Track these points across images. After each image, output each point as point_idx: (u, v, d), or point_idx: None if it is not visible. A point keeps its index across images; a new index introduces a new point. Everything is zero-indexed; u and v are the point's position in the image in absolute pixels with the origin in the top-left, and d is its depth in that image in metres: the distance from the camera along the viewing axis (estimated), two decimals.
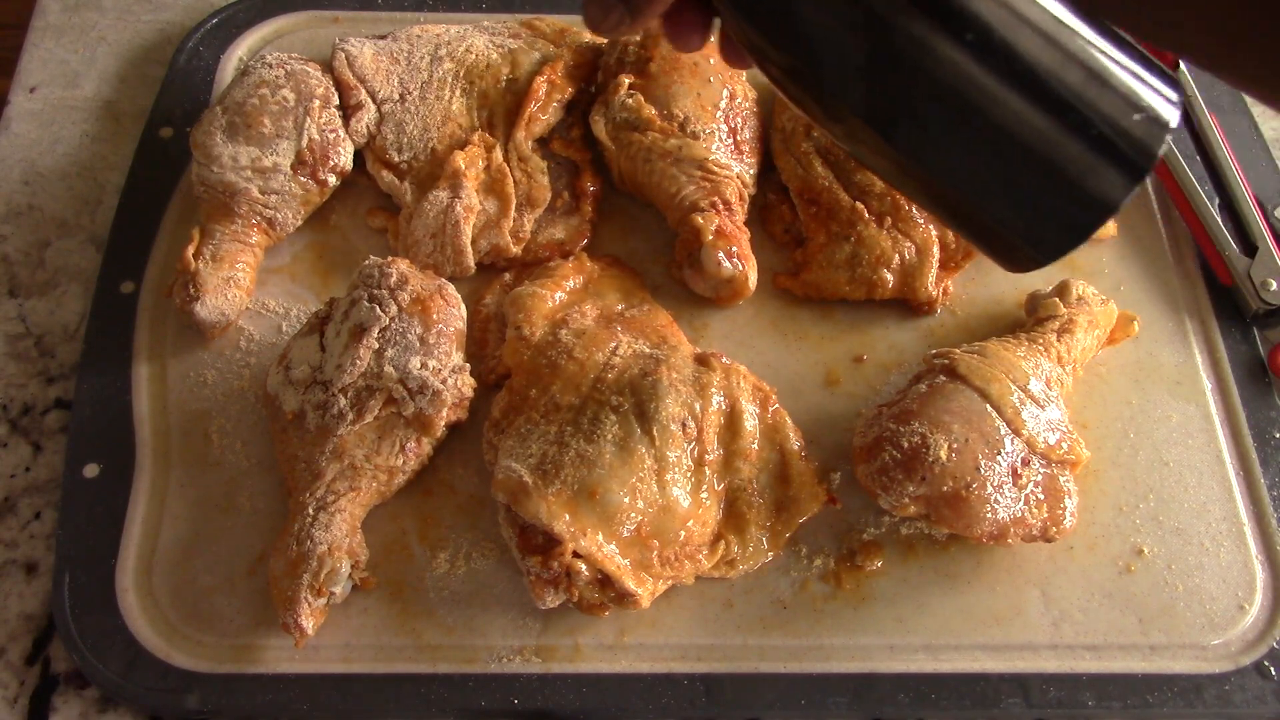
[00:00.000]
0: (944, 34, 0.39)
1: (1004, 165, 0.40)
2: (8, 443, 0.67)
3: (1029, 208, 0.41)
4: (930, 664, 0.60)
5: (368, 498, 0.62)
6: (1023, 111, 0.39)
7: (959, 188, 0.42)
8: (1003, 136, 0.40)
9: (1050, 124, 0.39)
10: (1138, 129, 0.39)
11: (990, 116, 0.39)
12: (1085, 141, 0.39)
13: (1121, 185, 0.39)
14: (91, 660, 0.59)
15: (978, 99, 0.39)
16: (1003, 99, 0.39)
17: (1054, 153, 0.39)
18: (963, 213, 0.44)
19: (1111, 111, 0.39)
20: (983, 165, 0.41)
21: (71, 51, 0.85)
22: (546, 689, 0.59)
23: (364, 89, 0.74)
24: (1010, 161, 0.40)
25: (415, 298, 0.63)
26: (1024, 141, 0.39)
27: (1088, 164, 0.39)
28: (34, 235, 0.75)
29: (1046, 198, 0.41)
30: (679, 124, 0.72)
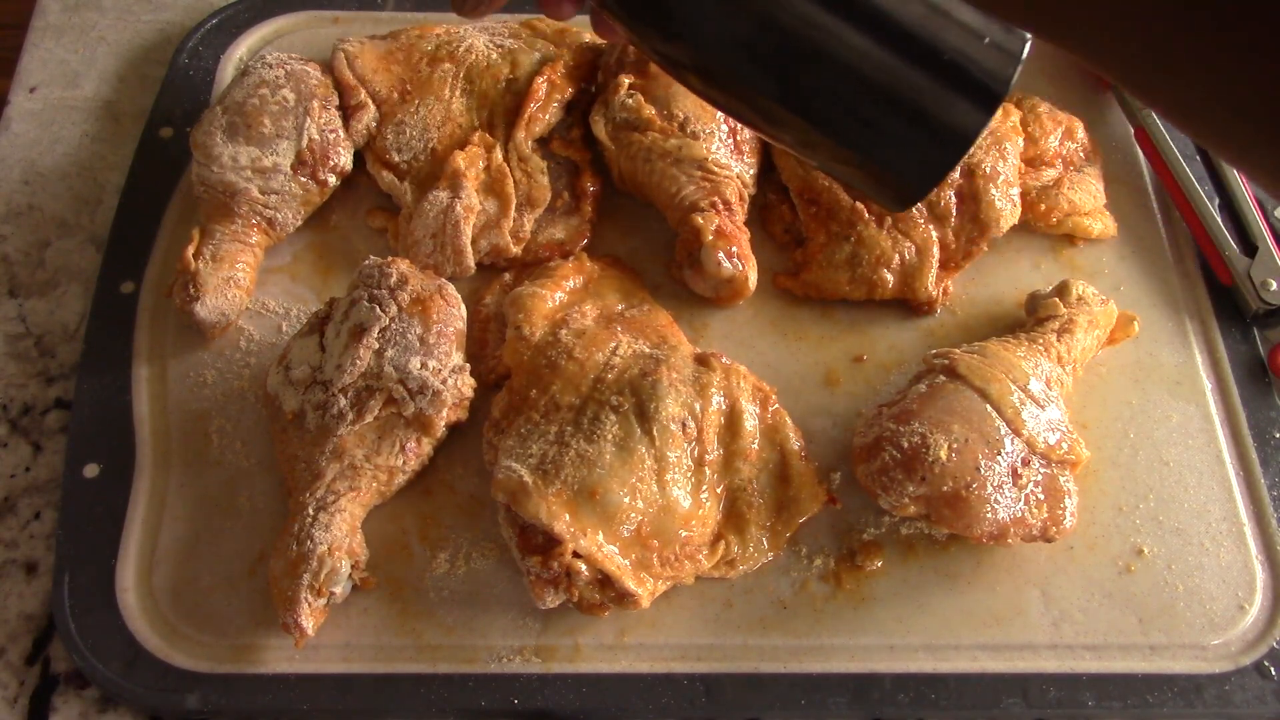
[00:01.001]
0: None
1: (860, 100, 0.41)
2: (8, 443, 0.67)
3: (891, 144, 0.42)
4: (930, 664, 0.60)
5: (368, 498, 0.62)
6: (870, 49, 0.40)
7: (820, 127, 0.43)
8: (854, 70, 0.40)
9: (899, 53, 0.40)
10: (988, 56, 0.39)
11: (840, 51, 0.40)
12: (936, 70, 0.40)
13: (976, 114, 0.40)
14: (91, 660, 0.59)
15: (825, 34, 0.40)
16: (849, 30, 0.39)
17: (907, 82, 0.40)
18: (827, 152, 0.44)
19: (959, 40, 0.39)
20: (840, 102, 0.41)
21: (71, 51, 0.85)
22: (546, 689, 0.59)
23: (364, 89, 0.74)
24: (866, 95, 0.41)
25: (415, 298, 0.63)
26: (876, 73, 0.40)
27: (940, 93, 0.40)
28: (34, 235, 0.75)
29: (906, 131, 0.41)
30: (679, 124, 0.72)
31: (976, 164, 0.71)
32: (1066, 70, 0.85)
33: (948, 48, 0.39)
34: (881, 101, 0.40)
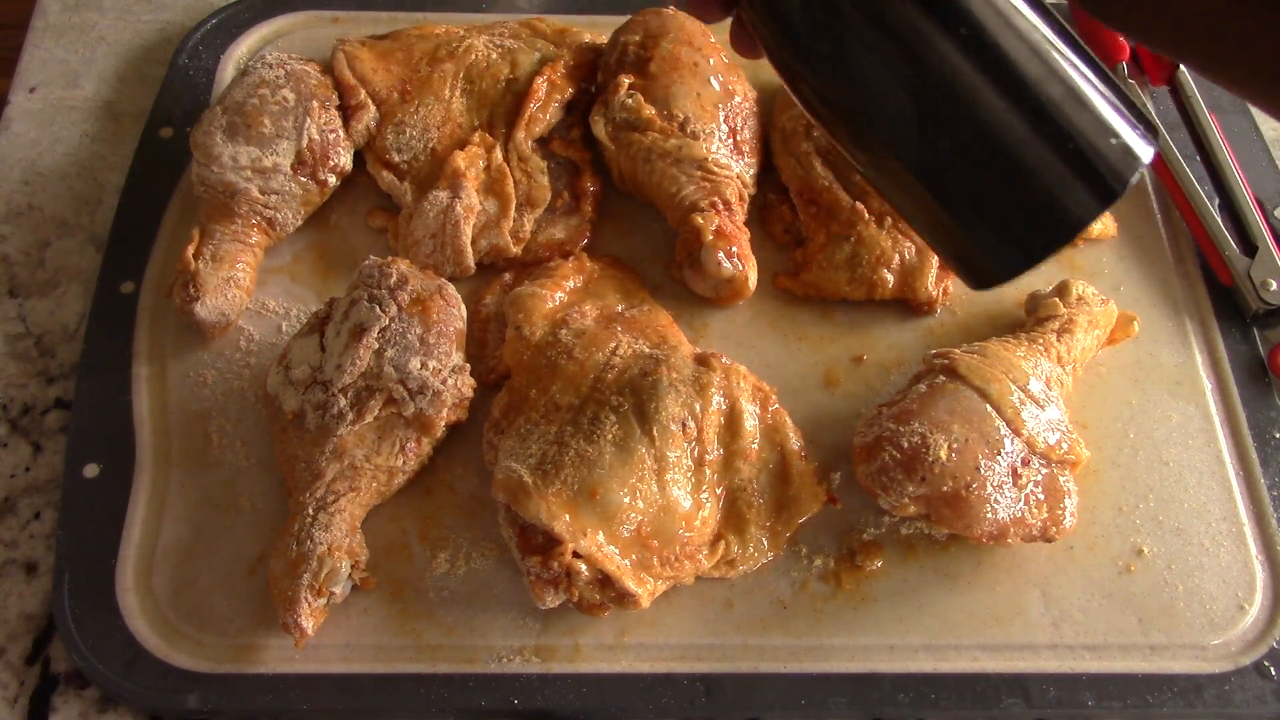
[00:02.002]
0: (937, 25, 0.39)
1: (980, 167, 0.40)
2: (8, 443, 0.67)
3: (997, 215, 0.41)
4: (930, 664, 0.60)
5: (368, 498, 0.62)
6: (1005, 113, 0.39)
7: (933, 187, 0.42)
8: (982, 136, 0.40)
9: (1029, 130, 0.39)
10: (1114, 153, 0.39)
11: (973, 114, 0.39)
12: (1061, 154, 0.39)
13: (1090, 205, 0.40)
14: (91, 660, 0.59)
15: (962, 95, 0.39)
16: (986, 98, 0.39)
17: (1029, 159, 0.40)
18: (932, 216, 0.44)
19: (1091, 130, 0.39)
20: (960, 165, 0.41)
21: (71, 51, 0.85)
22: (546, 689, 0.59)
23: (364, 89, 0.74)
24: (986, 164, 0.40)
25: (415, 298, 0.63)
26: (1002, 143, 0.40)
27: (1061, 177, 0.39)
28: (34, 235, 0.75)
29: (1016, 206, 0.41)
30: (679, 124, 0.72)
31: None
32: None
33: (1078, 136, 0.39)
34: (1006, 170, 0.40)
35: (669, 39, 0.74)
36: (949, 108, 0.40)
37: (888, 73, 0.40)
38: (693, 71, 0.73)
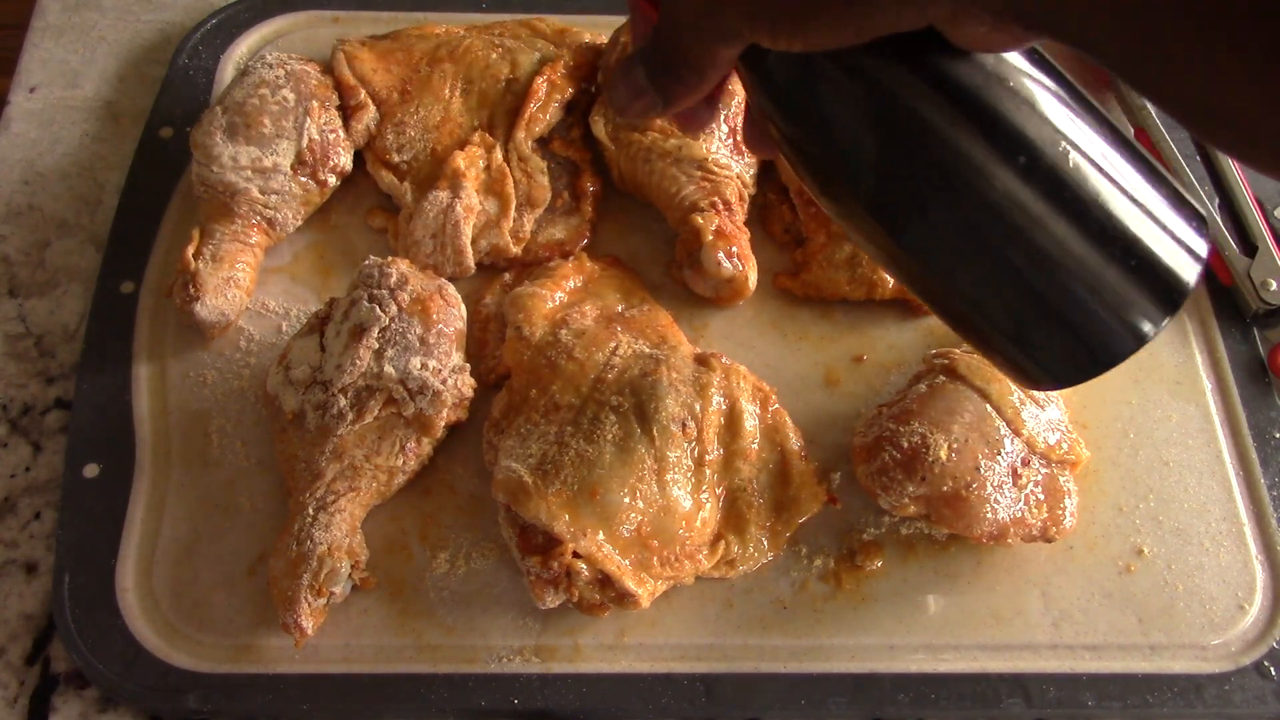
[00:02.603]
0: (998, 155, 0.37)
1: (1039, 291, 0.39)
2: (8, 443, 0.67)
3: (1059, 337, 0.40)
4: (930, 664, 0.60)
5: (368, 498, 0.62)
6: (1067, 236, 0.37)
7: (988, 312, 0.41)
8: (1042, 261, 0.38)
9: (1093, 252, 0.38)
10: (1176, 261, 0.38)
11: (1033, 240, 0.38)
12: (1124, 271, 0.38)
13: (1154, 315, 0.38)
14: (91, 660, 0.59)
15: (1022, 224, 0.38)
16: (1048, 224, 0.37)
17: (1091, 280, 0.38)
18: (984, 335, 0.42)
19: (1153, 242, 0.38)
20: (1018, 289, 0.39)
21: (71, 51, 0.85)
22: (546, 689, 0.59)
23: (364, 89, 0.74)
24: (1046, 288, 0.39)
25: (415, 298, 0.63)
26: (1064, 267, 0.38)
27: (1124, 294, 0.38)
28: (34, 235, 0.75)
29: (1078, 327, 0.39)
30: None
31: None
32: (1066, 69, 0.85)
33: (1141, 251, 0.37)
34: (1057, 296, 0.38)
35: None
36: (1008, 236, 0.38)
37: (946, 208, 0.39)
38: None
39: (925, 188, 0.38)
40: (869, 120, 0.38)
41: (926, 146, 0.38)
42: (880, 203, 0.40)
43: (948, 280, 0.41)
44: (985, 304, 0.40)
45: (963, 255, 0.39)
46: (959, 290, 0.41)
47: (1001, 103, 0.37)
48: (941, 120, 0.37)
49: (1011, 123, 0.37)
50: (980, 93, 0.37)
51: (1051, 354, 0.41)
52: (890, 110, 0.38)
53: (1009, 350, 0.42)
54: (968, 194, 0.38)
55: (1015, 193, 0.37)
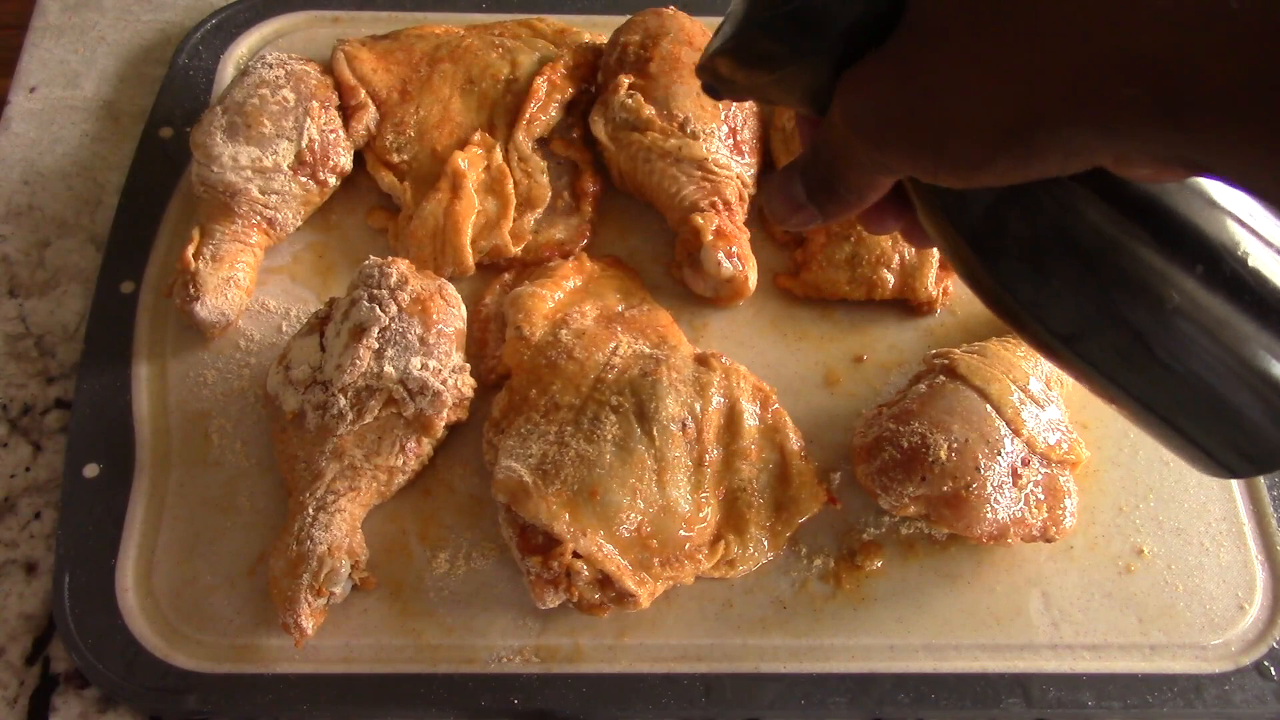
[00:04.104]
0: (1176, 267, 0.37)
1: (1221, 394, 0.39)
2: (8, 443, 0.67)
3: (1242, 437, 0.40)
4: (930, 664, 0.60)
5: (368, 498, 0.62)
6: (1248, 339, 0.37)
7: (1168, 415, 0.41)
8: (1223, 366, 0.38)
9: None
10: None
11: (1216, 348, 0.38)
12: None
13: None
14: (91, 660, 0.59)
15: (1203, 333, 0.37)
16: (1229, 329, 0.37)
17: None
18: (1162, 431, 0.42)
19: None
20: (1197, 395, 0.39)
21: (71, 51, 0.85)
22: (546, 689, 0.59)
23: (364, 89, 0.74)
24: (1229, 391, 0.38)
25: (415, 298, 0.63)
26: (1248, 369, 0.38)
27: None
28: (34, 235, 0.75)
29: (1261, 427, 0.39)
30: (679, 124, 0.72)
31: None
32: None
33: None
34: (1243, 396, 0.38)
35: (669, 39, 0.74)
36: (1191, 347, 0.38)
37: (1120, 325, 0.38)
38: (693, 71, 0.73)
39: (1096, 310, 0.38)
40: (1049, 253, 0.38)
41: (1098, 270, 0.38)
42: (1053, 329, 0.40)
43: (1135, 386, 0.40)
44: (1167, 405, 0.40)
45: (1147, 365, 0.39)
46: (1144, 395, 0.40)
47: (1171, 215, 0.37)
48: (1114, 238, 0.37)
49: (1183, 232, 0.37)
50: (1149, 210, 0.37)
51: (1231, 453, 0.40)
52: (1063, 239, 0.38)
53: (1191, 446, 0.41)
54: (1148, 306, 0.37)
55: (1197, 300, 0.37)
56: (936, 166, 0.35)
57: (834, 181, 0.40)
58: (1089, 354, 0.40)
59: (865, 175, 0.39)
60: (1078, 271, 0.38)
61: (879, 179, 0.39)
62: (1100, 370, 0.40)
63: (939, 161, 0.35)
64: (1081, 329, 0.39)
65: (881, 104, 0.36)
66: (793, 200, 0.42)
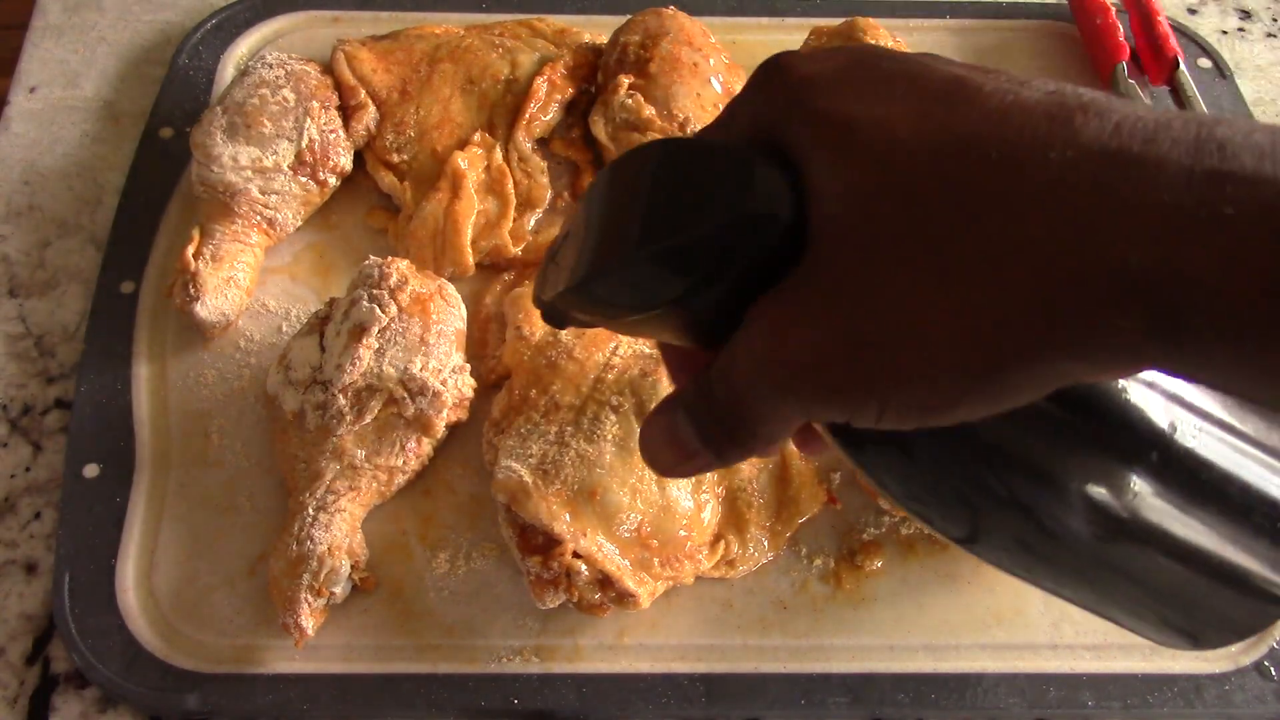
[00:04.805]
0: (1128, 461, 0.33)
1: (1172, 590, 0.37)
2: (8, 443, 0.67)
3: (1197, 621, 0.37)
4: (930, 664, 0.60)
5: (368, 498, 0.62)
6: (1202, 530, 0.34)
7: (1117, 614, 0.39)
8: (1198, 548, 0.34)
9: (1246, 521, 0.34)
10: None
11: (1168, 546, 0.34)
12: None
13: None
14: (91, 660, 0.59)
15: (1157, 518, 0.34)
16: (1181, 525, 0.34)
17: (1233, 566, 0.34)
18: (1128, 619, 0.40)
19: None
20: (1146, 595, 0.37)
21: (71, 51, 0.85)
22: (546, 689, 0.59)
23: (364, 89, 0.74)
24: (1178, 587, 0.36)
25: (415, 298, 0.63)
26: (1198, 562, 0.35)
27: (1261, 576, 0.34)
28: (34, 235, 0.75)
29: (1218, 607, 0.36)
30: (679, 124, 0.72)
31: None
32: (1066, 70, 0.85)
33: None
34: (1195, 588, 0.36)
35: (669, 39, 0.74)
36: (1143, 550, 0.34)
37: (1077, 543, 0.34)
38: (693, 71, 0.73)
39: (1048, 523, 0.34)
40: (987, 485, 0.33)
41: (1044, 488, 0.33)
42: (1001, 545, 0.36)
43: (1093, 588, 0.38)
44: (1127, 602, 0.38)
45: (1110, 567, 0.36)
46: (1109, 597, 0.39)
47: (1114, 404, 0.32)
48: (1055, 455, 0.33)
49: (1133, 421, 0.32)
50: (1091, 405, 0.32)
51: (1212, 624, 0.38)
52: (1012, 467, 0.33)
53: (1162, 629, 0.40)
54: (1113, 505, 0.33)
55: (1160, 491, 0.33)
56: (880, 417, 0.30)
57: (736, 427, 0.33)
58: (1043, 566, 0.37)
59: (778, 423, 0.33)
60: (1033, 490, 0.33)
61: (793, 422, 0.33)
62: (1059, 579, 0.38)
63: (883, 413, 0.29)
64: (1035, 543, 0.35)
65: (804, 349, 0.30)
66: (683, 447, 0.35)
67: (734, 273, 0.30)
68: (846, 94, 0.30)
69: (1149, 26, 0.83)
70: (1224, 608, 0.36)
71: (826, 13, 0.86)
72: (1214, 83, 0.85)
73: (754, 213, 0.29)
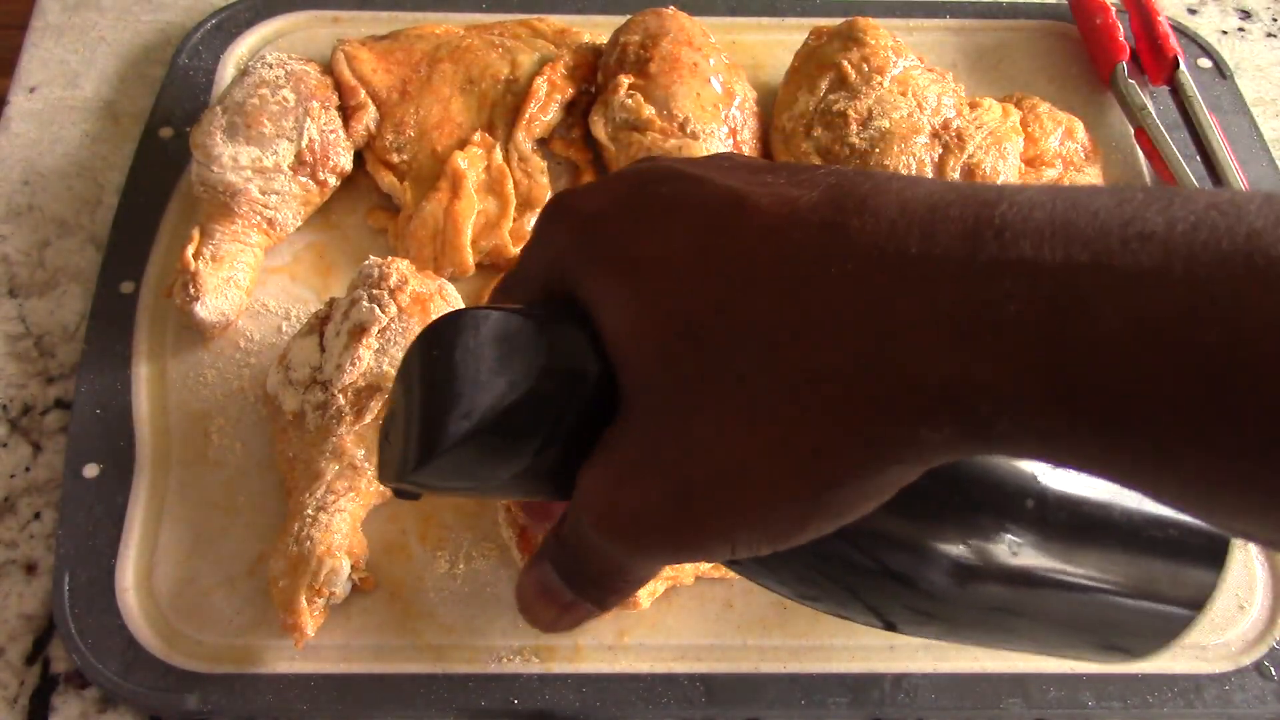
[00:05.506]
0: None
1: (1086, 617, 0.36)
2: (8, 443, 0.67)
3: (1129, 632, 0.37)
4: (930, 664, 0.60)
5: (368, 498, 0.62)
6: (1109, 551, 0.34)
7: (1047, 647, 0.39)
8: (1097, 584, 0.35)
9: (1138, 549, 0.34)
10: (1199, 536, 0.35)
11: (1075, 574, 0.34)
12: (1164, 555, 0.35)
13: (1210, 579, 0.35)
14: (91, 660, 0.59)
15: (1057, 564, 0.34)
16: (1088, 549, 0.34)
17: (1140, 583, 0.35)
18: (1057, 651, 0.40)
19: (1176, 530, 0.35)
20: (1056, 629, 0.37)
21: (71, 51, 0.85)
22: (546, 689, 0.59)
23: (364, 89, 0.74)
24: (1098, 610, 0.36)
25: (415, 298, 0.63)
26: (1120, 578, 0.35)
27: (1171, 572, 0.35)
28: (34, 235, 0.75)
29: (1144, 618, 0.36)
30: (679, 124, 0.72)
31: (976, 164, 0.71)
32: (1066, 70, 0.85)
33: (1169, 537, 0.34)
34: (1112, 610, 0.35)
35: (669, 39, 0.74)
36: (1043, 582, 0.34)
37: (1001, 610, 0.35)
38: (693, 71, 0.73)
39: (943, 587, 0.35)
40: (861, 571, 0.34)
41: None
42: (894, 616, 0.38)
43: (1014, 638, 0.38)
44: (1055, 641, 0.38)
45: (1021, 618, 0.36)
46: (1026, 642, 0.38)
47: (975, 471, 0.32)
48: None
49: (997, 480, 0.33)
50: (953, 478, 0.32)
51: (1136, 641, 0.37)
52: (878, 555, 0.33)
53: (1096, 653, 0.39)
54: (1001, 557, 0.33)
55: (1045, 535, 0.33)
56: (731, 555, 0.29)
57: (602, 577, 0.33)
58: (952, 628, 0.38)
59: (641, 570, 0.33)
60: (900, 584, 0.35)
61: (658, 568, 0.34)
62: (977, 637, 0.38)
63: (735, 550, 0.29)
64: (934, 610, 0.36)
65: (637, 504, 0.29)
66: (558, 597, 0.34)
67: (558, 435, 0.30)
68: (628, 231, 0.30)
69: (1149, 26, 0.83)
70: (1144, 622, 0.36)
71: (826, 13, 0.85)
72: (1214, 83, 0.85)
73: (559, 373, 0.30)
